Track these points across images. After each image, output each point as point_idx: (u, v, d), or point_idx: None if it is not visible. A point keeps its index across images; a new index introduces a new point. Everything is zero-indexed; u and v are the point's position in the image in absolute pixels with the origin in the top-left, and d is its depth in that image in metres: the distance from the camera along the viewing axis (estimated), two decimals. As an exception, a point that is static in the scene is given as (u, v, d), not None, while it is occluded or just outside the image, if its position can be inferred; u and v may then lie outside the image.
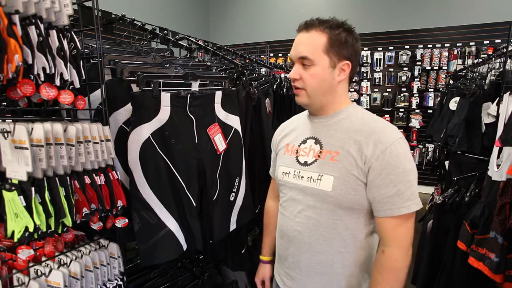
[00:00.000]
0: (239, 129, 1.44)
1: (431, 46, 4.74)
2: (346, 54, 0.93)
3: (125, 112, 1.17)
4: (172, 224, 1.21)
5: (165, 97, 1.15)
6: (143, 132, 1.12)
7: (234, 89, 1.46)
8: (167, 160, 1.19)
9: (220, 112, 1.34)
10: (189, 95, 1.22)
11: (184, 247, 1.26)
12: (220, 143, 1.32)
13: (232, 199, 1.41)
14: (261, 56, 3.14)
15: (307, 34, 0.92)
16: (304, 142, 1.03)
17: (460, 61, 4.39)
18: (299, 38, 0.94)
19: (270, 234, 1.25)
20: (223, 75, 1.57)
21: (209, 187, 1.29)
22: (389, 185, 0.88)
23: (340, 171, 0.92)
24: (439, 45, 4.70)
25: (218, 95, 1.32)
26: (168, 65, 1.37)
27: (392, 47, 4.97)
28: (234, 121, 1.41)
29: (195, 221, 1.25)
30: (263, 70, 2.64)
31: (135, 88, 1.17)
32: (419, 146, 4.96)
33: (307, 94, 0.96)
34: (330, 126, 0.98)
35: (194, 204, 1.24)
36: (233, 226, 1.43)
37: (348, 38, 0.92)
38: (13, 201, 0.84)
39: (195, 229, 1.26)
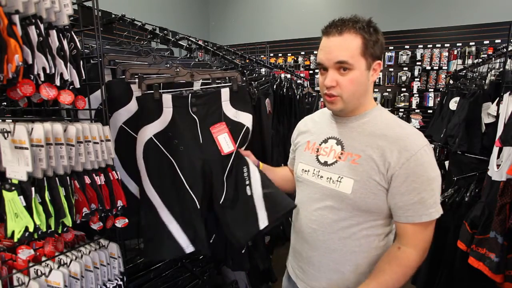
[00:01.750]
0: (250, 127, 1.34)
1: (431, 46, 4.74)
2: (378, 53, 0.91)
3: (125, 112, 1.17)
4: (173, 225, 1.20)
5: (167, 99, 1.16)
6: (145, 133, 1.15)
7: (243, 84, 1.36)
8: (173, 160, 1.19)
9: (229, 110, 1.28)
10: (190, 94, 1.21)
11: (188, 249, 1.21)
12: (225, 144, 1.25)
13: (249, 193, 1.23)
14: (261, 56, 3.14)
15: (341, 37, 0.87)
16: (325, 141, 1.03)
17: (460, 61, 4.39)
18: (333, 42, 0.89)
19: (275, 168, 1.37)
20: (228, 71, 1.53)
21: (216, 189, 1.24)
22: (412, 193, 0.87)
23: (361, 175, 0.91)
24: (439, 45, 4.70)
25: (225, 92, 1.27)
26: (168, 65, 1.36)
27: (392, 47, 4.97)
28: (245, 119, 1.32)
29: (198, 224, 1.22)
30: (263, 70, 2.64)
31: (134, 88, 1.17)
32: (419, 146, 4.95)
33: (343, 101, 0.92)
34: (353, 128, 0.97)
35: (198, 206, 1.21)
36: (263, 223, 1.19)
37: (378, 36, 0.91)
38: (13, 201, 0.84)
39: (200, 230, 1.22)
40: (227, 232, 1.24)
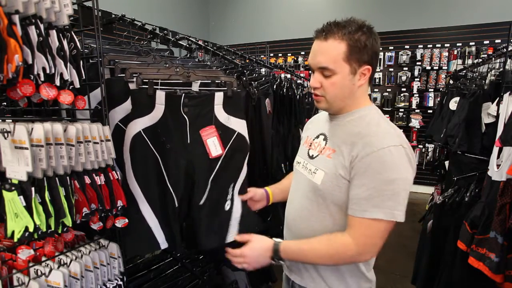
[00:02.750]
0: (245, 134, 1.33)
1: (431, 46, 4.74)
2: (366, 58, 0.91)
3: (121, 110, 1.18)
4: (152, 220, 1.22)
5: (160, 96, 1.17)
6: (135, 126, 1.15)
7: (238, 90, 1.36)
8: (158, 157, 1.20)
9: (221, 114, 1.28)
10: (183, 94, 1.21)
11: (163, 245, 1.25)
12: (214, 147, 1.26)
13: (227, 208, 1.31)
14: (261, 56, 3.14)
15: (325, 43, 0.90)
16: (317, 137, 1.09)
17: (460, 61, 4.39)
18: (317, 47, 0.92)
19: (283, 182, 1.35)
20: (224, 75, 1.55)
21: (196, 190, 1.25)
22: (362, 187, 0.88)
23: (330, 168, 0.96)
24: (439, 45, 4.70)
25: (219, 96, 1.27)
26: (167, 65, 1.36)
27: (392, 47, 4.97)
28: (237, 125, 1.31)
29: (175, 223, 1.24)
30: (263, 70, 2.64)
31: (132, 86, 1.18)
32: (419, 146, 4.95)
33: (326, 101, 0.97)
34: (339, 125, 1.01)
35: (176, 205, 1.23)
36: (231, 238, 1.30)
37: (367, 41, 0.89)
38: (13, 201, 0.84)
39: (175, 230, 1.24)
40: (195, 233, 1.27)
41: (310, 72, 1.01)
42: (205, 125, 1.26)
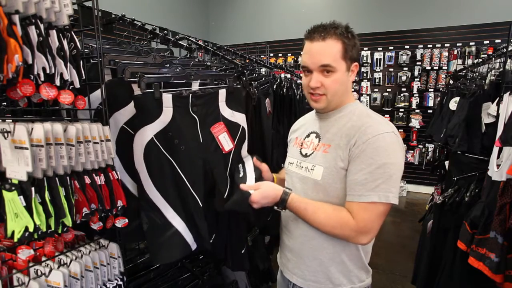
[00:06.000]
0: (245, 126, 1.40)
1: (431, 46, 4.74)
2: (355, 56, 1.01)
3: (126, 113, 1.17)
4: (179, 224, 1.22)
5: (167, 98, 1.15)
6: (146, 134, 1.13)
7: (238, 86, 1.42)
8: (172, 161, 1.19)
9: (225, 111, 1.32)
10: (191, 94, 1.21)
11: (193, 246, 1.26)
12: (226, 142, 1.30)
13: (241, 175, 1.29)
14: (261, 56, 3.14)
15: (324, 43, 0.96)
16: (308, 136, 1.12)
17: (460, 61, 4.40)
18: (316, 47, 0.97)
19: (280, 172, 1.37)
20: (225, 73, 1.56)
21: (219, 185, 1.26)
22: (358, 173, 0.93)
23: (329, 162, 0.99)
24: (439, 45, 4.71)
25: (222, 93, 1.30)
26: (168, 65, 1.36)
27: (392, 47, 4.97)
28: (240, 119, 1.38)
29: (202, 221, 1.24)
30: (263, 70, 2.64)
31: (135, 88, 1.16)
32: (419, 146, 4.96)
33: (327, 99, 1.02)
34: (330, 122, 1.06)
35: (201, 204, 1.23)
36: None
37: (355, 41, 1.00)
38: (13, 201, 0.84)
39: (202, 229, 1.25)
40: (225, 221, 1.26)
41: (303, 72, 1.05)
42: (214, 122, 1.29)
